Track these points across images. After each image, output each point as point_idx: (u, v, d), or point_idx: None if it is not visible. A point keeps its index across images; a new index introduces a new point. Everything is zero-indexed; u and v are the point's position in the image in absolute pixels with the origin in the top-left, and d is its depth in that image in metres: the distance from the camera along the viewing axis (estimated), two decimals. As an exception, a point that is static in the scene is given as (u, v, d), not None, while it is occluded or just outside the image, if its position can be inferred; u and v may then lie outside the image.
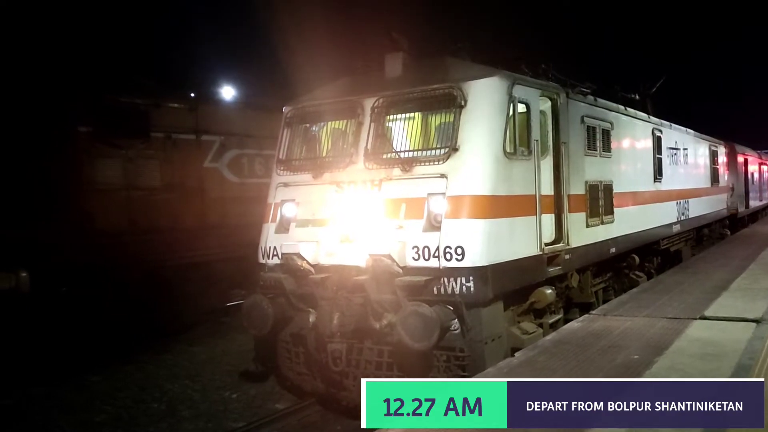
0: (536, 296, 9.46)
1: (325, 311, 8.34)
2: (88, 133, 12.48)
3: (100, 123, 12.60)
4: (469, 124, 8.36)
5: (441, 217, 8.13)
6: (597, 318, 9.76)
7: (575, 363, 7.30)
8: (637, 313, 9.81)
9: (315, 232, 9.02)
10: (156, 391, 10.50)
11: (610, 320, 9.49)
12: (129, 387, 10.70)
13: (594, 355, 7.58)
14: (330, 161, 9.21)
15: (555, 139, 10.05)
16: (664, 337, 8.21)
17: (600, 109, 11.70)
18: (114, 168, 12.86)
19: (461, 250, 7.96)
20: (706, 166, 21.66)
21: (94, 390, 10.57)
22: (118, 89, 13.47)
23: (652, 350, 7.58)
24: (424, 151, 8.54)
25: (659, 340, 8.07)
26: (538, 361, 7.49)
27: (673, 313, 9.61)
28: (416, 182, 8.43)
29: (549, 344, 8.31)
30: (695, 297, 10.86)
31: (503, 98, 8.58)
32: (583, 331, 8.87)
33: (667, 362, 7.09)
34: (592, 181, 11.11)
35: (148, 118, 13.48)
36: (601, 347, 7.92)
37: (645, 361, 7.16)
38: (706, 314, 9.40)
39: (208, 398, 10.18)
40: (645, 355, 7.41)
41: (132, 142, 13.13)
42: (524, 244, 8.90)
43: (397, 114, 8.99)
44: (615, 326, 9.02)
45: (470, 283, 7.93)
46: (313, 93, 10.03)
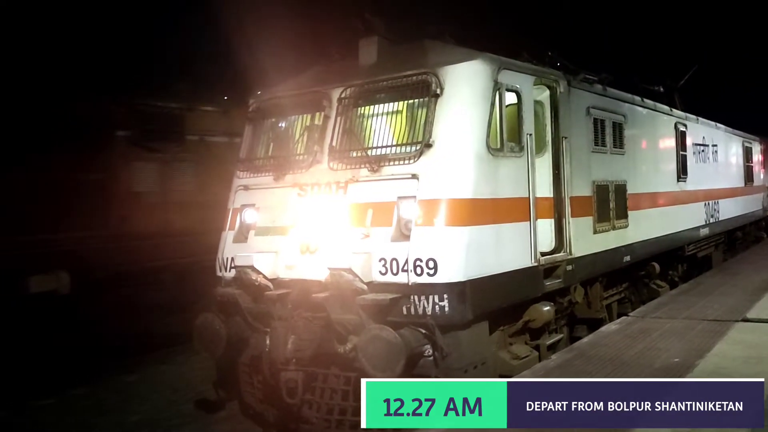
0: (531, 314, 8.23)
1: (279, 334, 7.24)
2: (125, 137, 13.14)
3: (137, 127, 13.28)
4: (445, 115, 7.19)
5: (412, 225, 6.98)
6: (635, 320, 9.55)
7: (612, 367, 7.14)
8: (677, 315, 9.61)
9: (274, 241, 7.93)
10: (190, 391, 10.23)
11: (649, 322, 9.30)
12: (164, 388, 10.61)
13: (632, 359, 7.41)
14: (293, 161, 8.11)
15: (554, 133, 8.80)
16: (705, 339, 8.02)
17: (610, 99, 10.39)
18: (150, 171, 13.55)
19: (433, 263, 6.78)
20: (738, 163, 20.05)
21: (131, 391, 10.58)
22: (153, 94, 13.96)
23: (693, 353, 7.39)
24: (395, 148, 7.37)
25: (700, 342, 7.90)
26: (574, 365, 7.33)
27: (713, 315, 9.41)
28: (385, 184, 7.28)
29: (586, 347, 8.12)
30: (736, 299, 10.67)
31: (486, 85, 7.38)
32: (621, 334, 8.70)
33: (709, 365, 6.90)
34: (600, 181, 9.82)
35: (183, 122, 13.94)
36: (640, 350, 7.76)
37: (686, 364, 6.99)
38: (748, 316, 9.16)
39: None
40: (686, 358, 7.23)
41: (167, 146, 13.70)
42: (514, 254, 7.68)
43: (368, 106, 7.84)
44: (654, 328, 8.84)
45: (444, 302, 6.75)
46: (281, 84, 8.94)
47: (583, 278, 9.29)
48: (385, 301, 6.69)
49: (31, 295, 11.53)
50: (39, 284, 11.59)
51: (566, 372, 7.04)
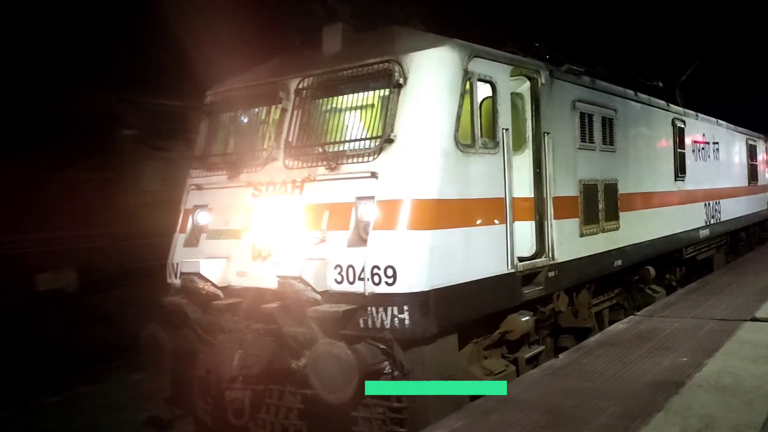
0: (508, 325, 7.55)
1: (224, 349, 6.58)
2: (132, 136, 13.08)
3: (144, 126, 13.24)
4: (408, 107, 6.51)
5: (370, 228, 6.31)
6: (643, 319, 9.53)
7: (620, 365, 7.12)
8: (685, 314, 9.61)
9: (226, 245, 7.28)
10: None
11: (657, 321, 9.28)
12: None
13: (640, 358, 7.38)
14: (247, 158, 7.45)
15: (535, 128, 8.12)
16: (714, 338, 7.98)
17: (599, 92, 9.69)
18: (156, 170, 13.46)
19: (392, 271, 6.11)
20: (742, 162, 19.29)
21: (138, 388, 10.34)
22: (159, 93, 13.87)
23: (702, 353, 7.36)
24: (354, 144, 6.70)
25: (709, 341, 7.86)
26: (583, 363, 7.31)
27: (722, 315, 9.42)
28: (342, 183, 6.63)
29: (593, 345, 8.13)
30: (745, 298, 10.64)
31: (454, 74, 6.70)
32: (629, 333, 8.66)
33: (717, 365, 6.84)
34: (587, 180, 9.12)
35: (190, 120, 13.35)
36: (648, 349, 7.74)
37: (694, 363, 6.94)
38: (757, 315, 9.15)
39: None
40: (694, 357, 7.18)
41: (174, 144, 13.53)
42: (487, 260, 7.00)
43: (327, 97, 7.17)
44: (662, 328, 8.83)
45: (404, 315, 6.08)
46: (240, 76, 8.28)
47: (567, 285, 8.60)
48: (338, 314, 6.02)
49: (39, 292, 11.44)
50: (46, 282, 11.50)
51: (575, 370, 7.07)
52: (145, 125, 13.63)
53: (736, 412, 5.49)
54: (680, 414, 5.53)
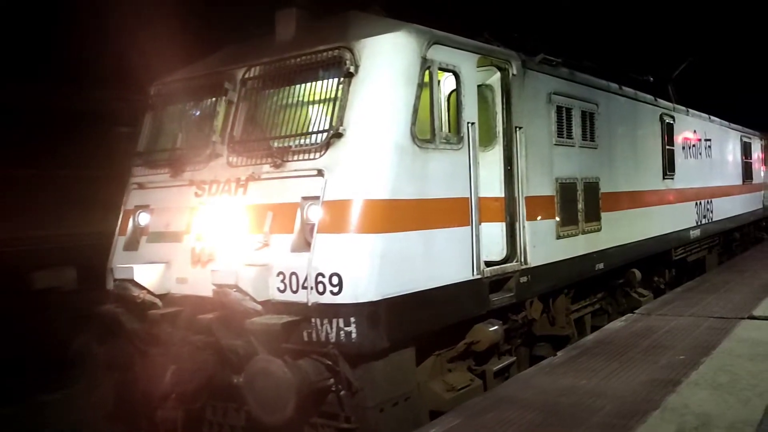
0: (474, 335, 6.98)
1: (157, 364, 5.99)
2: (127, 133, 12.26)
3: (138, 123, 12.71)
4: (360, 98, 5.93)
5: (314, 231, 5.73)
6: (641, 318, 9.52)
7: (618, 364, 7.10)
8: (683, 313, 9.61)
9: (167, 249, 6.70)
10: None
11: (654, 320, 9.29)
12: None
13: (637, 356, 7.37)
14: (190, 154, 6.86)
15: (506, 122, 7.53)
16: (711, 337, 7.99)
17: (579, 85, 9.10)
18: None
19: (337, 279, 5.53)
20: (736, 160, 18.72)
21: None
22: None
23: (699, 351, 7.36)
24: (300, 139, 6.11)
25: (706, 340, 7.87)
26: (579, 361, 7.30)
27: (720, 313, 9.42)
28: (288, 182, 6.04)
29: (590, 344, 8.11)
30: (743, 296, 10.67)
31: (411, 62, 6.11)
32: (626, 331, 8.66)
33: (715, 363, 6.84)
34: (565, 178, 8.54)
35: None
36: (645, 347, 7.74)
37: (691, 361, 6.94)
38: (754, 314, 9.15)
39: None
40: (691, 355, 7.20)
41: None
42: (450, 265, 6.43)
43: (275, 88, 6.57)
44: (659, 326, 8.82)
45: (351, 327, 5.50)
46: (189, 66, 7.70)
47: (542, 291, 8.02)
48: (276, 327, 5.44)
49: (36, 291, 11.09)
50: (43, 280, 11.18)
51: (572, 369, 7.04)
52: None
53: (733, 410, 5.47)
54: (677, 412, 5.50)
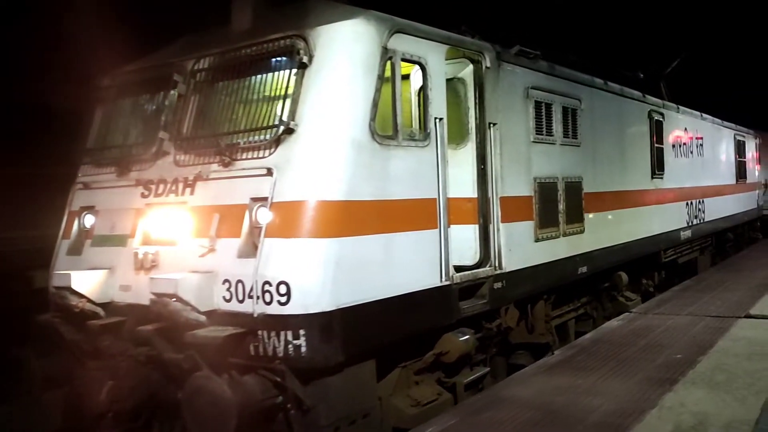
0: (443, 346, 6.52)
1: (93, 379, 5.52)
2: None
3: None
4: (314, 91, 5.46)
5: (262, 235, 5.26)
6: (637, 317, 9.54)
7: (615, 362, 7.11)
8: (679, 312, 9.65)
9: (111, 254, 6.23)
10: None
11: (651, 319, 9.33)
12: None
13: (634, 354, 7.39)
14: (137, 152, 6.39)
15: (479, 118, 7.08)
16: (708, 335, 8.03)
17: (560, 79, 8.64)
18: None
19: (285, 287, 5.07)
20: (729, 159, 18.28)
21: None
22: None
23: (696, 349, 7.40)
24: (250, 135, 5.64)
25: (703, 338, 7.89)
26: (577, 360, 7.30)
27: (716, 312, 9.46)
28: (236, 182, 5.58)
29: (588, 343, 8.13)
30: (739, 295, 10.72)
31: (370, 52, 5.65)
32: (623, 330, 8.67)
33: (711, 362, 6.86)
34: (544, 177, 8.09)
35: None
36: (642, 346, 7.75)
37: (688, 360, 6.97)
38: (751, 312, 9.20)
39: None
40: (688, 354, 7.24)
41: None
42: (414, 271, 5.97)
43: (227, 80, 6.10)
44: (656, 325, 8.85)
45: (300, 341, 5.04)
46: (144, 58, 7.22)
47: (518, 297, 7.57)
48: (217, 340, 4.97)
49: (36, 290, 10.49)
50: (43, 279, 11.03)
51: (569, 368, 7.02)
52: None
53: (730, 409, 5.47)
54: (674, 411, 5.50)
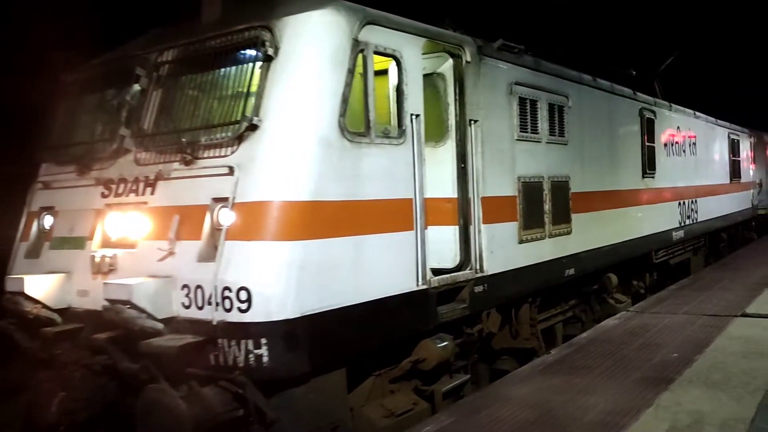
0: (421, 353, 6.23)
1: (44, 390, 5.22)
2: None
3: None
4: (279, 85, 5.16)
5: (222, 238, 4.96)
6: (634, 315, 9.57)
7: (612, 361, 7.12)
8: (676, 310, 9.69)
9: (69, 257, 5.92)
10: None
11: (648, 318, 9.32)
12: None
13: (631, 353, 7.40)
14: (99, 149, 6.08)
15: (459, 115, 6.79)
16: (705, 334, 8.04)
17: (546, 75, 8.34)
18: None
19: (246, 294, 4.77)
20: (723, 158, 18.02)
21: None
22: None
23: (692, 348, 7.42)
24: (212, 132, 5.34)
25: (699, 337, 7.91)
26: (573, 359, 7.29)
27: (713, 311, 9.48)
28: (197, 181, 5.28)
29: (584, 342, 8.14)
30: (736, 294, 10.74)
31: (340, 44, 5.35)
32: (620, 329, 8.70)
33: (707, 360, 6.88)
34: (529, 176, 7.80)
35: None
36: (639, 345, 7.76)
37: (684, 359, 6.98)
38: (747, 311, 9.21)
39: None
40: (684, 353, 7.24)
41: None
42: (388, 276, 5.67)
43: (190, 74, 5.80)
44: (653, 324, 8.84)
45: (262, 350, 4.74)
46: (110, 52, 6.91)
47: (500, 301, 7.28)
48: (172, 350, 4.67)
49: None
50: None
51: (567, 366, 6.99)
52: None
53: (726, 408, 5.46)
54: (670, 410, 5.49)
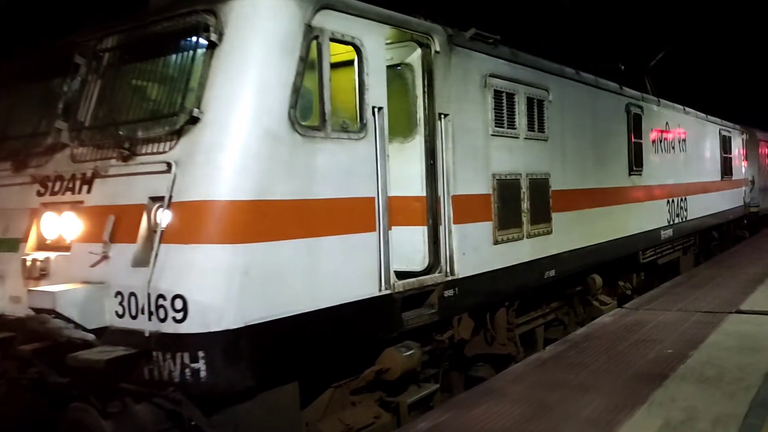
0: (384, 362, 5.82)
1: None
2: None
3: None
4: (223, 74, 4.73)
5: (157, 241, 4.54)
6: (629, 312, 9.61)
7: (606, 357, 7.13)
8: (671, 307, 9.73)
9: (2, 260, 5.48)
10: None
11: (643, 314, 9.35)
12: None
13: (626, 350, 7.42)
14: (35, 144, 5.64)
15: (428, 108, 6.36)
16: (699, 330, 8.09)
17: (524, 67, 7.93)
18: None
19: (181, 302, 4.34)
20: (714, 155, 17.65)
21: None
22: None
23: (687, 344, 7.45)
24: (150, 125, 4.90)
25: (694, 333, 7.95)
26: (569, 356, 7.28)
27: (707, 307, 9.54)
28: (135, 179, 4.85)
29: (579, 338, 8.14)
30: (730, 290, 10.78)
31: (292, 30, 4.92)
32: (615, 325, 8.72)
33: (702, 356, 6.91)
34: (505, 174, 7.39)
35: None
36: (634, 341, 7.79)
37: (679, 355, 7.00)
38: (741, 308, 9.28)
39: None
40: (679, 349, 7.27)
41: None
42: (347, 280, 5.26)
43: (132, 63, 5.37)
44: (647, 320, 8.89)
45: (199, 364, 4.32)
46: (50, 39, 6.46)
47: (473, 305, 6.87)
48: (100, 363, 4.24)
49: None
50: None
51: (562, 363, 6.98)
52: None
53: (719, 404, 5.47)
54: (664, 406, 5.50)
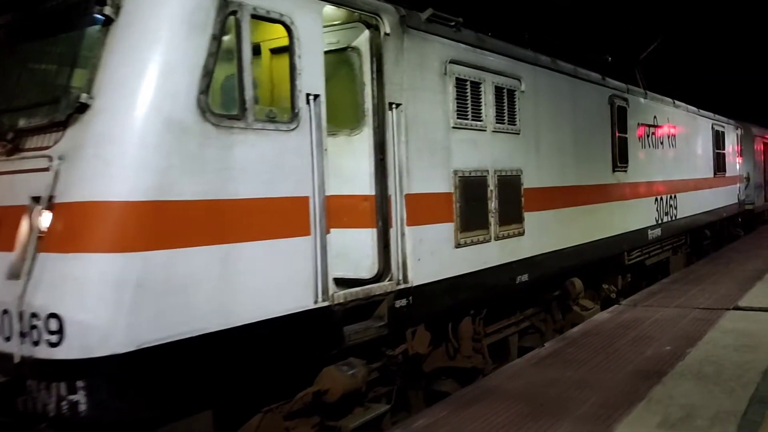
0: (323, 382, 5.17)
1: None
2: None
3: None
4: (119, 54, 4.06)
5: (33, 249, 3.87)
6: (626, 309, 9.59)
7: (604, 355, 7.13)
8: (668, 304, 9.73)
9: None
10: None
11: (640, 311, 9.38)
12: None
13: (624, 347, 7.44)
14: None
15: (377, 97, 5.70)
16: (697, 328, 8.08)
17: (492, 54, 7.24)
18: None
19: (57, 322, 3.68)
20: (706, 150, 17.00)
21: None
22: None
23: (685, 341, 7.44)
24: (34, 114, 4.24)
25: (692, 331, 7.96)
26: (567, 353, 7.32)
27: (705, 304, 9.52)
28: (18, 177, 4.19)
29: (577, 335, 8.16)
30: (728, 287, 10.78)
31: (200, 3, 4.24)
32: (612, 323, 8.71)
33: (700, 353, 6.91)
34: (469, 170, 6.73)
35: None
36: (631, 338, 7.80)
37: (677, 352, 7.01)
38: (739, 305, 9.29)
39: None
40: (677, 346, 7.27)
41: None
42: (273, 292, 4.60)
43: (25, 43, 4.71)
44: (645, 317, 8.90)
45: (77, 396, 3.66)
46: None
47: (431, 316, 6.21)
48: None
49: None
50: None
51: (559, 360, 7.00)
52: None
53: (718, 401, 5.45)
54: (662, 403, 5.49)
